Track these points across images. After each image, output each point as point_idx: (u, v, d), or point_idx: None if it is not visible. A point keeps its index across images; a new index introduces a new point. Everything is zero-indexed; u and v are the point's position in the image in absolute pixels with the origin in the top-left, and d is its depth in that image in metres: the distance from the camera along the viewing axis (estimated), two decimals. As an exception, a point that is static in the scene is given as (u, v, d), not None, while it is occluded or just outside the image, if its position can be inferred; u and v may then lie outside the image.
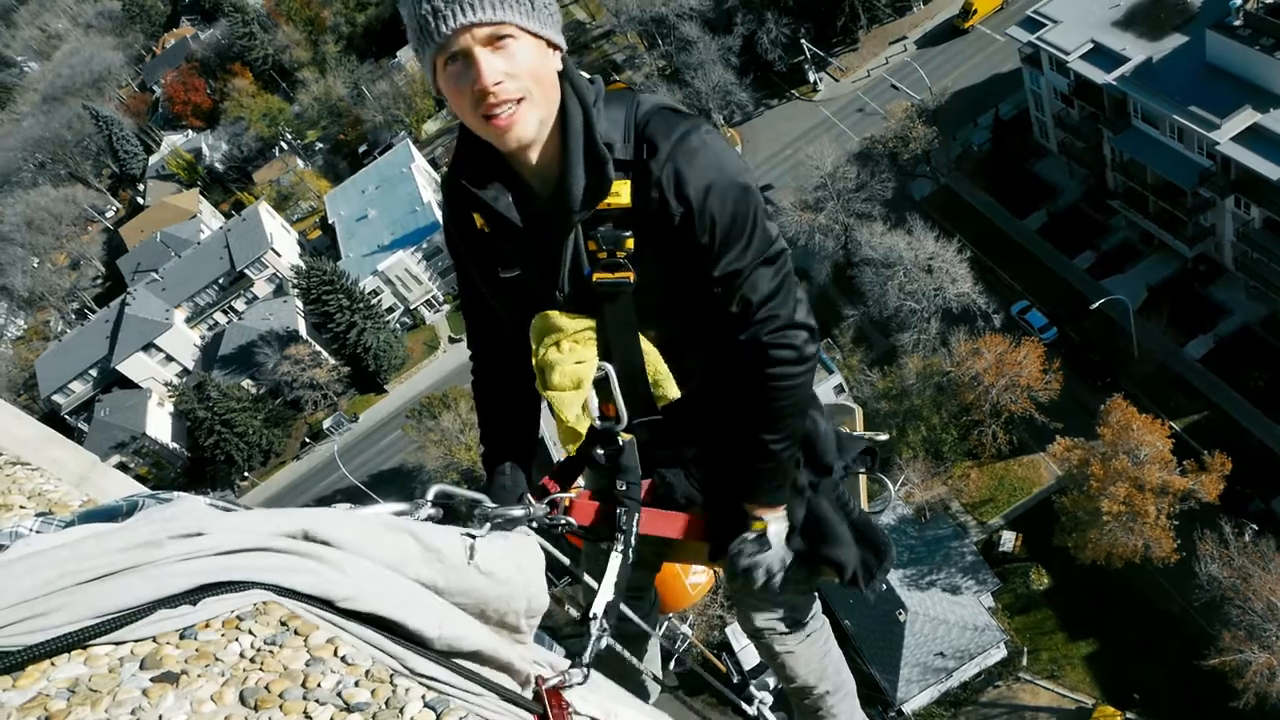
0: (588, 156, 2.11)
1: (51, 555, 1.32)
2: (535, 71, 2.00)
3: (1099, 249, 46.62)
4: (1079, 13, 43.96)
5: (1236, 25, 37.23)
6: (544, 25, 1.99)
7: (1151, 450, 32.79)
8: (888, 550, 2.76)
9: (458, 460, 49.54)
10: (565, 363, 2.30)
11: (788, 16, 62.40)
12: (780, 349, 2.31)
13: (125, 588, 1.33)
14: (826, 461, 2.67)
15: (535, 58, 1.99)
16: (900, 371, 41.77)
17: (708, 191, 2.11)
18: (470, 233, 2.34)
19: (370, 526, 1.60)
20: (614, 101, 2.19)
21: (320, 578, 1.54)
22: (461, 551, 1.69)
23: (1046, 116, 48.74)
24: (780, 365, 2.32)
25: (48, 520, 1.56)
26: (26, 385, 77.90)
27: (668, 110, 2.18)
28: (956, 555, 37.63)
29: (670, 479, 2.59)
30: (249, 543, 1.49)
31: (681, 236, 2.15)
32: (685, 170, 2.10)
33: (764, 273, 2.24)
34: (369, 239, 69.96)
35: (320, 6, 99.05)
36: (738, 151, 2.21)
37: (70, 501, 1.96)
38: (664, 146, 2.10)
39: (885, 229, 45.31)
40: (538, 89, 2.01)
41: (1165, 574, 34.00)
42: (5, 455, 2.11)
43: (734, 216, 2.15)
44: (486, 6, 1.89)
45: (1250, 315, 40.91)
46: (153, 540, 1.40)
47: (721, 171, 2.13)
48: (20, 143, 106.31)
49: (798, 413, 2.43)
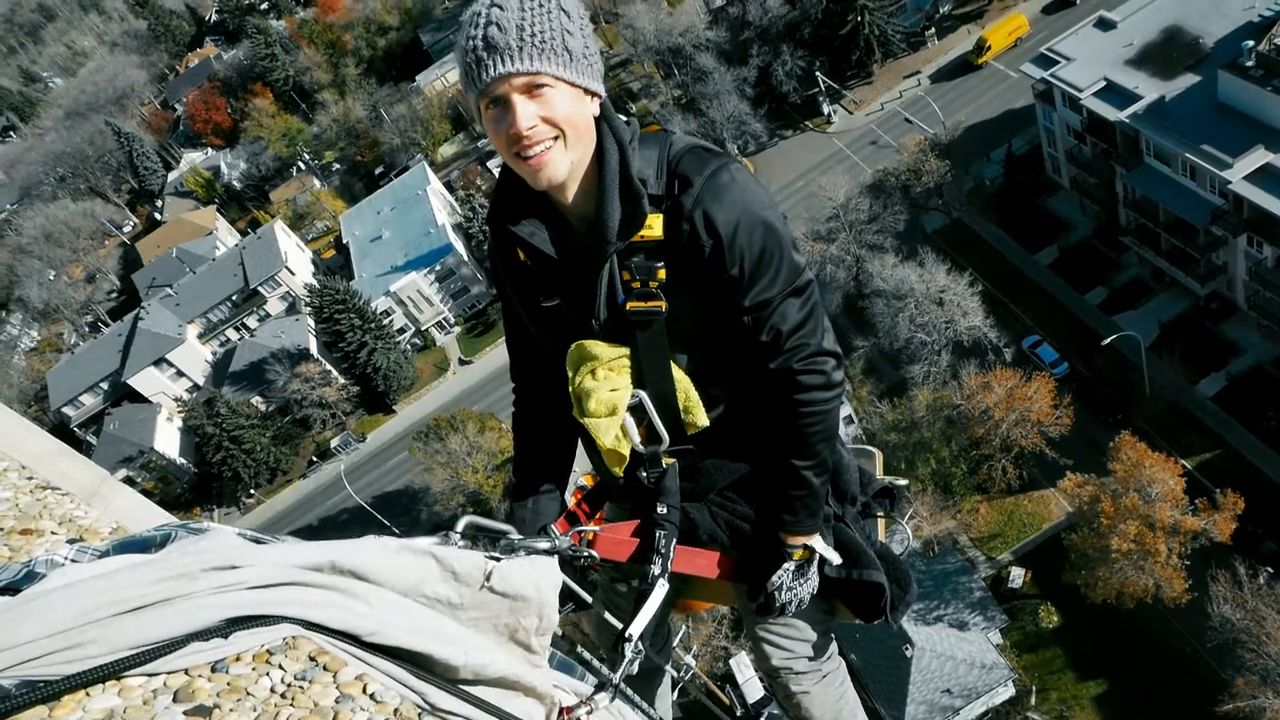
0: (623, 191, 2.21)
1: (89, 586, 1.34)
2: (569, 117, 2.09)
3: (1111, 285, 46.54)
4: (1092, 51, 44.22)
5: (1249, 66, 37.37)
6: (581, 74, 2.09)
7: (1163, 488, 32.53)
8: (910, 583, 2.77)
9: (464, 483, 49.48)
10: (601, 390, 2.36)
11: (803, 49, 62.91)
12: (810, 374, 2.39)
13: (159, 620, 1.35)
14: (851, 492, 2.70)
15: (570, 105, 2.09)
16: (910, 404, 41.63)
17: (737, 225, 2.20)
18: (512, 265, 2.43)
19: (394, 553, 1.62)
20: (649, 141, 2.29)
21: (346, 612, 1.56)
22: (477, 572, 1.72)
23: (1059, 152, 48.86)
24: (811, 391, 2.39)
25: (82, 549, 1.58)
26: (37, 397, 78.31)
27: (700, 149, 2.27)
28: (965, 590, 37.29)
29: (694, 515, 2.60)
30: (279, 576, 1.51)
31: (712, 268, 2.24)
32: (715, 205, 2.19)
33: (793, 303, 2.32)
34: (383, 260, 70.37)
35: (342, 30, 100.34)
36: (765, 187, 2.26)
37: (100, 528, 1.99)
38: (695, 182, 2.20)
39: (897, 261, 45.36)
40: (571, 133, 2.11)
41: (1177, 614, 33.61)
42: (35, 480, 2.14)
43: (763, 249, 2.23)
44: (524, 58, 2.00)
45: (1263, 354, 40.71)
46: (186, 573, 1.42)
47: (749, 206, 2.22)
48: (42, 156, 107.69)
49: (829, 438, 2.49)
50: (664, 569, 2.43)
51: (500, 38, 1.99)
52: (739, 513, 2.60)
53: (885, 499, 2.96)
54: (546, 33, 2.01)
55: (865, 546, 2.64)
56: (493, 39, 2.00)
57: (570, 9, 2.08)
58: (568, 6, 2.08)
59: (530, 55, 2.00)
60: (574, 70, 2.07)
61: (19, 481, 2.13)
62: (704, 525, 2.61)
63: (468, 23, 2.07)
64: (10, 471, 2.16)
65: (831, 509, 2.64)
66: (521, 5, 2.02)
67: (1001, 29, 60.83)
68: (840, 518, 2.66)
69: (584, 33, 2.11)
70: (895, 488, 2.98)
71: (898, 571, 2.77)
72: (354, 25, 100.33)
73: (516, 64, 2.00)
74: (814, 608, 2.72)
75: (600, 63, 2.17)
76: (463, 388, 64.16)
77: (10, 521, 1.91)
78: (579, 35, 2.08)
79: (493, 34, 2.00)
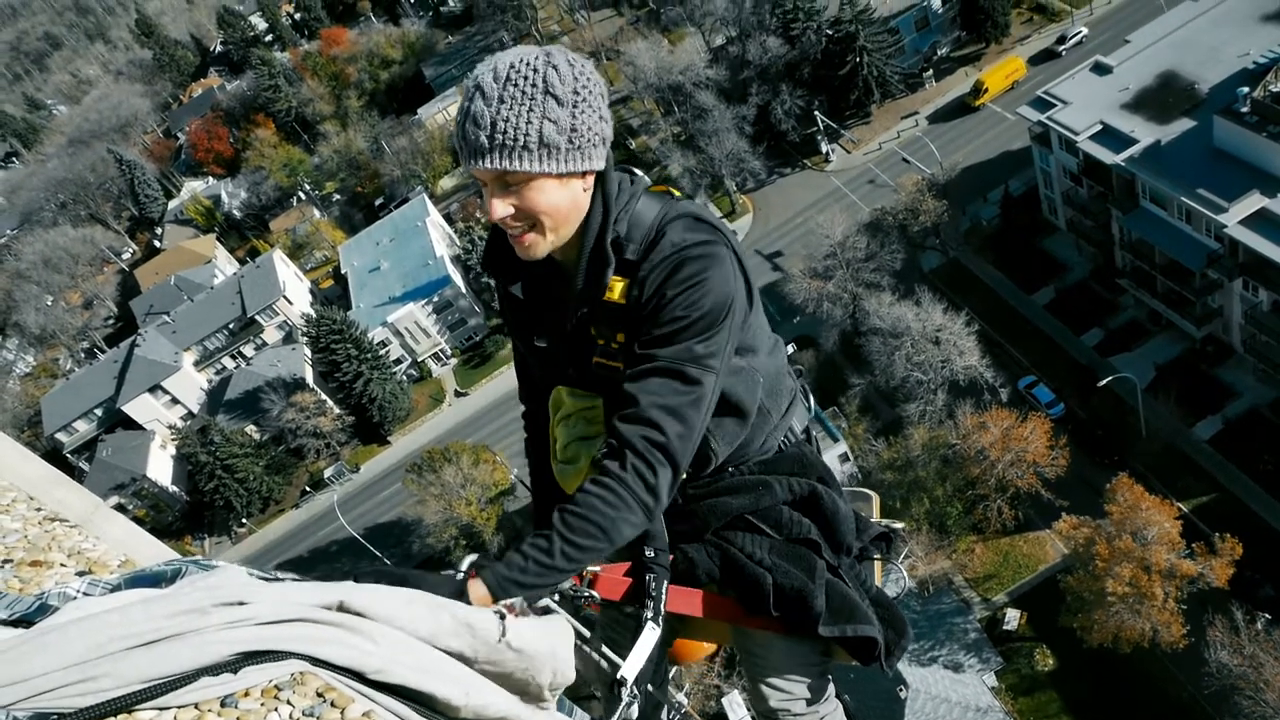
0: (593, 258, 2.24)
1: (102, 620, 1.35)
2: (543, 207, 2.11)
3: (1107, 326, 46.76)
4: (1088, 95, 44.82)
5: (1244, 112, 37.87)
6: (563, 164, 2.07)
7: (1159, 531, 32.44)
8: (906, 628, 2.76)
9: (458, 515, 49.22)
10: (568, 438, 2.46)
11: (802, 89, 63.71)
12: (625, 459, 2.14)
13: (171, 654, 1.36)
14: (846, 542, 2.69)
15: (547, 195, 2.10)
16: (906, 442, 41.60)
17: (669, 278, 2.17)
18: (512, 302, 2.50)
19: (406, 602, 1.63)
20: (650, 203, 2.29)
21: (353, 649, 1.57)
22: (494, 628, 1.72)
23: (1055, 194, 49.32)
24: (609, 476, 2.13)
25: (94, 583, 1.59)
26: (31, 422, 77.99)
27: (693, 219, 2.25)
28: (959, 632, 37.02)
29: (693, 555, 2.61)
30: (288, 613, 1.52)
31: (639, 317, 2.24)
32: (666, 273, 2.17)
33: (668, 383, 2.17)
34: (380, 290, 70.54)
35: (345, 63, 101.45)
36: (733, 277, 2.18)
37: (108, 560, 1.99)
38: (662, 250, 2.20)
39: (894, 299, 45.58)
40: (547, 219, 2.13)
41: (1174, 660, 33.36)
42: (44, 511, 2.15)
43: (678, 304, 2.16)
44: (493, 157, 2.01)
45: (1259, 398, 40.82)
46: (197, 608, 1.43)
47: (700, 279, 2.15)
48: (44, 183, 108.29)
49: (593, 535, 2.09)
50: (656, 612, 2.41)
51: (473, 133, 2.01)
52: (733, 552, 2.60)
53: (883, 542, 2.96)
54: (521, 128, 1.99)
55: (858, 599, 2.62)
56: (469, 133, 2.02)
57: (559, 91, 2.02)
58: (556, 89, 2.02)
59: (499, 154, 2.01)
60: (553, 162, 2.05)
61: (27, 513, 2.14)
62: (702, 565, 2.62)
63: (462, 98, 2.10)
64: (19, 502, 2.17)
65: (826, 560, 2.62)
66: (501, 96, 2.00)
67: (999, 72, 61.68)
68: (835, 569, 2.65)
69: (575, 114, 2.04)
70: (893, 531, 2.98)
71: (892, 617, 2.75)
72: (357, 58, 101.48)
73: (485, 162, 2.02)
74: (811, 650, 2.71)
75: (598, 136, 2.11)
76: (458, 419, 64.04)
77: (20, 553, 1.92)
78: (565, 120, 2.03)
79: (468, 129, 2.02)
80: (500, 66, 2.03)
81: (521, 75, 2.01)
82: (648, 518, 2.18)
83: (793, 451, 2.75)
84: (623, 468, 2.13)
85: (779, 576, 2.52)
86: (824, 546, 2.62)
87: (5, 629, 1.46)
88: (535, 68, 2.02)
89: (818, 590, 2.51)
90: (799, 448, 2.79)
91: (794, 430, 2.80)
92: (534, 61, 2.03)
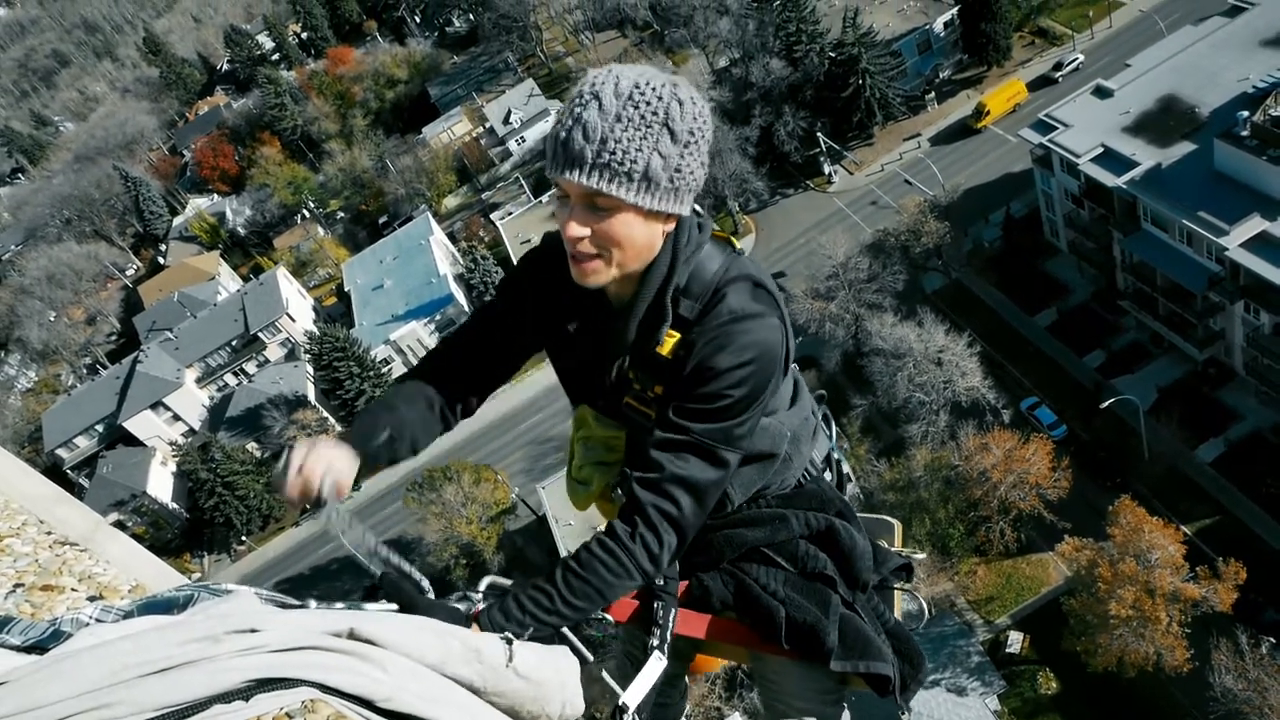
0: (651, 310, 2.18)
1: (116, 647, 1.36)
2: (624, 240, 2.03)
3: (1109, 348, 46.76)
4: (1090, 118, 45.03)
5: (1244, 136, 38.03)
6: (657, 201, 1.98)
7: (1163, 554, 32.30)
8: (922, 661, 2.75)
9: (458, 534, 49.08)
10: (585, 459, 2.52)
11: (805, 110, 64.06)
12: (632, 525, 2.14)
13: (184, 681, 1.37)
14: (863, 579, 2.68)
15: (630, 228, 2.02)
16: (908, 463, 41.52)
17: (717, 355, 2.12)
18: (543, 314, 2.44)
19: (415, 629, 1.64)
20: (713, 254, 2.21)
21: (363, 677, 1.57)
22: (501, 654, 1.72)
23: (1057, 216, 49.45)
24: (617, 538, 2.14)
25: (107, 609, 1.60)
26: (31, 438, 78.00)
27: (753, 285, 2.18)
28: (962, 655, 36.79)
29: (707, 582, 2.62)
30: (299, 640, 1.53)
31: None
32: (719, 345, 2.11)
33: (695, 460, 2.16)
34: (383, 308, 70.69)
35: (351, 82, 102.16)
36: (780, 352, 2.18)
37: (118, 585, 2.00)
38: (719, 316, 2.13)
39: (896, 320, 45.61)
40: (620, 253, 2.05)
41: (1178, 684, 33.12)
42: (54, 535, 2.16)
43: (719, 380, 2.11)
44: (590, 174, 1.91)
45: (1261, 421, 40.74)
46: (210, 635, 1.44)
47: (750, 360, 2.12)
48: (49, 199, 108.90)
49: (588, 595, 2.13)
50: (662, 640, 2.42)
51: (579, 143, 1.90)
52: (748, 582, 2.60)
53: (903, 572, 2.96)
54: (631, 153, 1.90)
55: (872, 634, 2.61)
56: (573, 141, 1.91)
57: (677, 127, 1.94)
58: (675, 124, 1.94)
59: (600, 173, 1.91)
60: (648, 197, 1.96)
61: (38, 536, 2.15)
62: (717, 592, 2.62)
63: (569, 103, 1.95)
64: (29, 525, 2.18)
65: (841, 595, 2.63)
66: (620, 113, 1.90)
67: (1000, 94, 62.02)
68: (851, 604, 2.65)
69: (685, 154, 1.97)
70: (913, 561, 2.98)
71: (909, 650, 2.74)
72: (363, 77, 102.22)
73: (583, 178, 1.91)
74: (826, 677, 2.70)
75: (696, 181, 2.04)
76: (458, 438, 63.86)
77: (31, 577, 1.93)
78: (674, 158, 1.96)
79: (575, 136, 1.90)
80: (624, 82, 1.92)
81: (645, 100, 1.91)
82: (646, 582, 2.21)
83: (811, 488, 2.75)
84: (631, 537, 2.13)
85: (792, 610, 2.52)
86: (839, 582, 2.62)
87: (19, 655, 1.47)
88: (661, 95, 1.93)
89: (830, 626, 2.50)
90: (817, 483, 2.79)
91: (814, 463, 2.80)
92: (660, 89, 1.93)
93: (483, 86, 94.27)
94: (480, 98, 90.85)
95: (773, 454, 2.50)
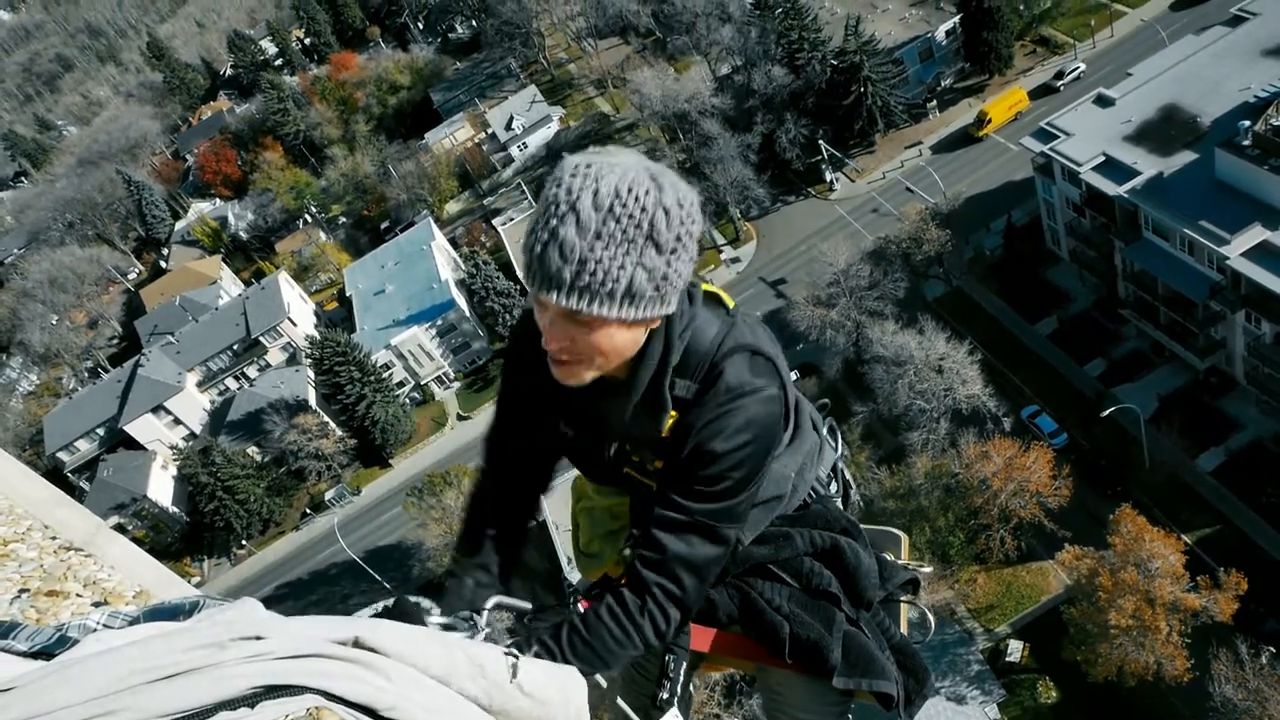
0: (649, 397, 2.12)
1: (124, 653, 1.36)
2: (605, 350, 1.94)
3: (1110, 357, 46.76)
4: (1091, 126, 45.10)
5: (1245, 145, 38.09)
6: (636, 312, 1.86)
7: (1163, 564, 32.25)
8: (927, 677, 2.74)
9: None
10: (593, 532, 2.59)
11: (806, 118, 64.20)
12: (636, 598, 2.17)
13: (190, 688, 1.37)
14: (867, 597, 2.68)
15: (610, 338, 1.92)
16: (908, 471, 41.49)
17: (721, 435, 2.09)
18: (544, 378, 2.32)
19: (420, 637, 1.64)
20: (707, 322, 2.13)
21: (367, 685, 1.58)
22: (505, 669, 1.72)
23: (1058, 224, 49.49)
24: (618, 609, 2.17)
25: (114, 615, 1.60)
26: (32, 441, 78.01)
27: (751, 355, 2.12)
28: (962, 663, 36.72)
29: (713, 596, 2.62)
30: (305, 648, 1.53)
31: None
32: (718, 428, 2.08)
33: (694, 539, 2.16)
34: (385, 313, 70.76)
35: (354, 87, 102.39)
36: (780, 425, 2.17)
37: (123, 591, 2.00)
38: (717, 395, 2.08)
39: (897, 328, 45.63)
40: (602, 360, 1.97)
41: (1178, 693, 33.05)
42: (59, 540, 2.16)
43: (725, 463, 2.09)
44: (570, 296, 1.79)
45: (1262, 430, 40.72)
46: (216, 642, 1.44)
47: (749, 441, 2.10)
48: (52, 202, 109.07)
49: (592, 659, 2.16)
50: (673, 694, 2.46)
51: (555, 263, 1.76)
52: (753, 596, 2.61)
53: (910, 586, 2.96)
54: (613, 272, 1.77)
55: (876, 651, 2.61)
56: (548, 260, 1.77)
57: (663, 238, 1.80)
58: (660, 235, 1.80)
59: (579, 295, 1.78)
60: (633, 310, 1.84)
61: (42, 541, 2.15)
62: (722, 606, 2.63)
63: (546, 204, 1.80)
64: (34, 530, 2.18)
65: (845, 613, 2.63)
66: (599, 231, 1.75)
67: (1002, 103, 62.13)
68: (855, 621, 2.65)
69: (671, 262, 1.84)
70: (920, 574, 2.98)
71: (914, 665, 2.73)
72: (366, 83, 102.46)
73: (562, 299, 1.79)
74: (831, 691, 2.71)
75: (683, 280, 1.92)
76: (460, 443, 63.96)
77: (36, 582, 1.93)
78: (659, 269, 1.83)
79: (550, 255, 1.76)
80: (604, 191, 1.75)
81: (627, 212, 1.76)
82: (647, 649, 2.24)
83: (817, 509, 2.75)
84: (641, 612, 2.17)
85: (796, 626, 2.52)
86: (844, 599, 2.62)
87: (25, 661, 1.47)
88: (644, 206, 1.77)
89: (834, 643, 2.50)
90: (823, 503, 2.79)
91: (820, 480, 2.81)
92: (643, 197, 1.77)
93: (485, 92, 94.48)
94: (482, 104, 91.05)
95: (778, 496, 2.52)
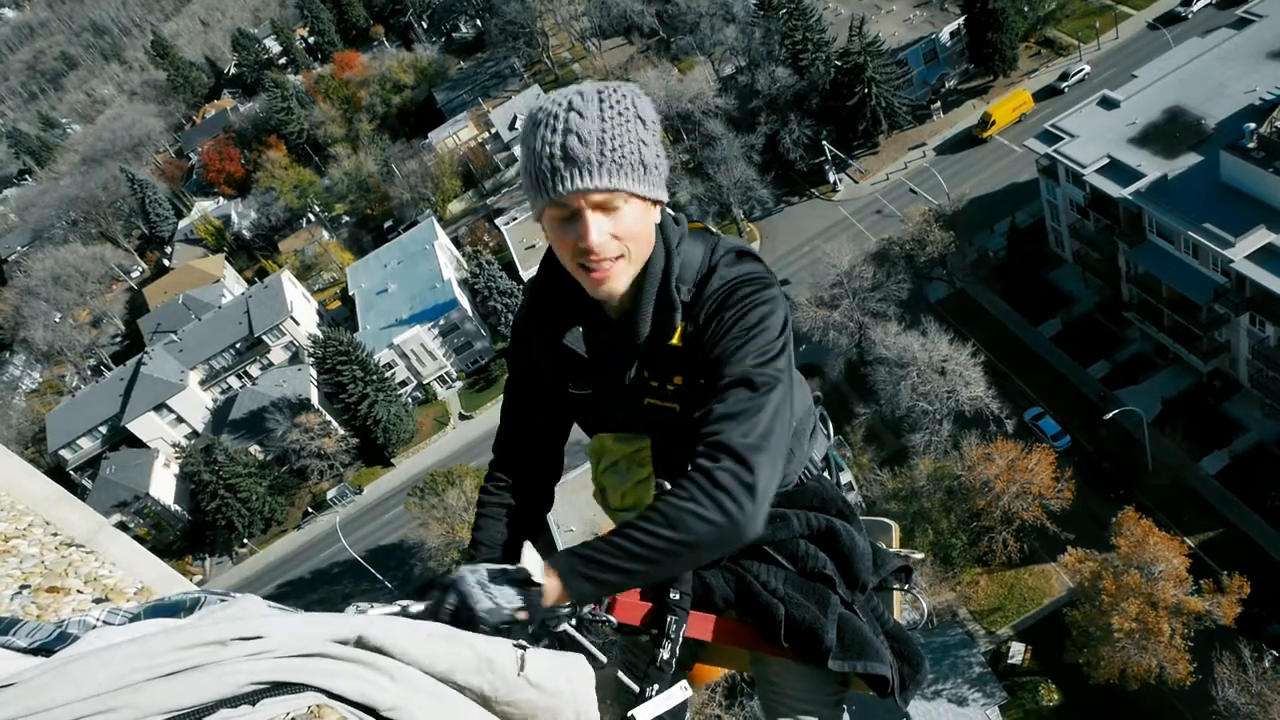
0: (659, 301, 2.20)
1: (125, 650, 1.35)
2: (636, 233, 2.08)
3: (1113, 359, 46.68)
4: (1096, 129, 45.04)
5: (1250, 148, 38.02)
6: (653, 187, 2.06)
7: (1167, 567, 32.19)
8: (922, 663, 2.74)
9: (460, 539, 49.03)
10: (623, 485, 2.47)
11: (810, 119, 64.15)
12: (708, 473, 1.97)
13: (191, 685, 1.36)
14: (862, 579, 2.67)
15: (638, 220, 2.07)
16: (911, 472, 41.45)
17: (727, 298, 2.17)
18: (552, 346, 2.40)
19: (425, 638, 1.63)
20: (695, 242, 2.27)
21: (368, 684, 1.56)
22: (512, 662, 1.71)
23: (1062, 226, 49.43)
24: (691, 491, 1.96)
25: (114, 612, 1.59)
26: (35, 438, 78.14)
27: (739, 253, 2.26)
28: (964, 665, 36.67)
29: (709, 580, 2.60)
30: (306, 647, 1.52)
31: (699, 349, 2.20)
32: (720, 301, 2.18)
33: (742, 392, 2.06)
34: (387, 312, 70.80)
35: (357, 86, 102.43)
36: (783, 303, 2.17)
37: (124, 588, 1.99)
38: (714, 285, 2.20)
39: (900, 329, 45.59)
40: (635, 248, 2.10)
41: (1181, 697, 32.99)
42: (60, 537, 2.15)
43: (742, 318, 2.14)
44: (604, 175, 1.95)
45: (1266, 433, 40.63)
46: (217, 639, 1.43)
47: (756, 301, 2.16)
48: (56, 200, 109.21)
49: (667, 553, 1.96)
50: (673, 654, 2.39)
51: (580, 150, 1.93)
52: (749, 579, 2.59)
53: (902, 573, 2.94)
54: (626, 146, 1.97)
55: (870, 635, 2.60)
56: (572, 150, 1.93)
57: (646, 116, 2.03)
58: (644, 114, 2.03)
59: (610, 172, 1.95)
60: (647, 184, 2.03)
61: (44, 538, 2.14)
62: (719, 590, 2.61)
63: (540, 124, 1.98)
64: (35, 527, 2.18)
65: (840, 595, 2.62)
66: (601, 114, 1.96)
67: (1006, 105, 62.05)
68: (850, 604, 2.64)
69: (656, 140, 2.07)
70: (912, 562, 2.97)
71: (908, 651, 2.73)
72: (369, 82, 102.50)
73: (596, 180, 1.94)
74: (827, 679, 2.69)
75: (667, 165, 2.13)
76: (462, 442, 64.00)
77: (37, 579, 1.92)
78: (653, 144, 2.04)
79: (572, 145, 1.93)
80: (588, 92, 1.99)
81: (616, 100, 1.99)
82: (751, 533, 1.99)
83: (813, 485, 2.74)
84: (711, 488, 1.95)
85: (791, 608, 2.51)
86: (839, 582, 2.61)
87: (26, 657, 1.46)
88: (624, 94, 2.00)
89: (829, 625, 2.49)
90: (819, 480, 2.78)
91: (814, 461, 2.80)
92: (618, 89, 2.01)
93: (489, 92, 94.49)
94: (486, 103, 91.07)
95: (797, 433, 2.49)
